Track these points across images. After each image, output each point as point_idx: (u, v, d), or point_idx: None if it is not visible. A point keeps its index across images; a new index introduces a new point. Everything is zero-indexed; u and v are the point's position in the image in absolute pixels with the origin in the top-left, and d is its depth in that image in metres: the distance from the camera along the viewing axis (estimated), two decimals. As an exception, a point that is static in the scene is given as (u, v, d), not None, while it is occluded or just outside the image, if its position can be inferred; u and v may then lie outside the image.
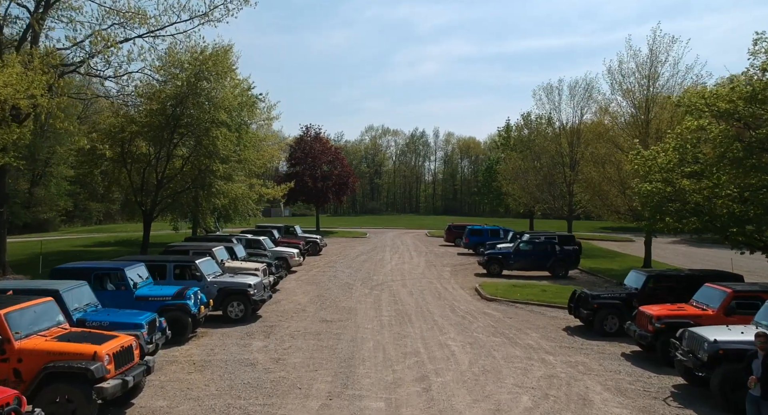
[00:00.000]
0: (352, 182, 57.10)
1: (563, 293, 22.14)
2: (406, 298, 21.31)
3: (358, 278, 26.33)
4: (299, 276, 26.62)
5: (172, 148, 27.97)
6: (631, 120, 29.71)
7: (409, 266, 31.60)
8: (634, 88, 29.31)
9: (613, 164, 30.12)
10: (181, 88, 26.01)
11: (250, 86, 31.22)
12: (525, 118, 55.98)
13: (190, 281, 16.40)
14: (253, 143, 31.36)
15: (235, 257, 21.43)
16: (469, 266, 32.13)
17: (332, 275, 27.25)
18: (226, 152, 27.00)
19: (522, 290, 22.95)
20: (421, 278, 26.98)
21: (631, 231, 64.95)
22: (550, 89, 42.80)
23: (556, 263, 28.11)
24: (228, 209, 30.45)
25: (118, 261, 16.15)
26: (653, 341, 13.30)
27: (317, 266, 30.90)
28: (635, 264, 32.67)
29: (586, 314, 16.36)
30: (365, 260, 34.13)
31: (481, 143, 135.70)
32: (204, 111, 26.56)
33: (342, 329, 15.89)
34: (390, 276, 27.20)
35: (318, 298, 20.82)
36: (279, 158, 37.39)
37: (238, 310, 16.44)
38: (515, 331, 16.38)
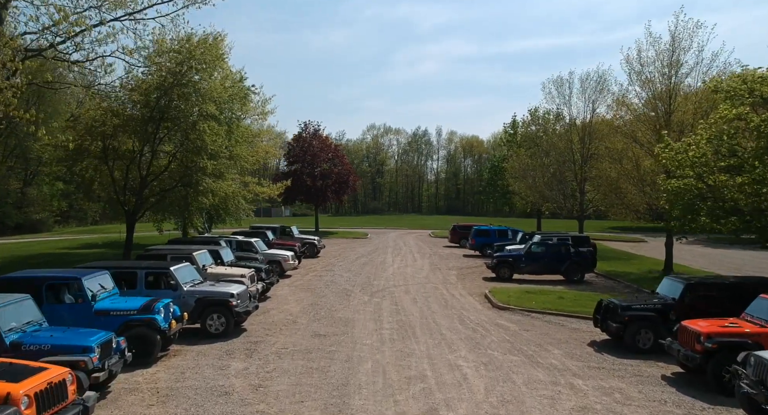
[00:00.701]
0: (353, 181, 55.09)
1: (583, 301, 20.12)
2: (409, 306, 19.28)
3: (357, 283, 24.30)
4: (293, 281, 24.60)
5: (158, 144, 25.96)
6: (651, 112, 27.62)
7: (412, 269, 29.57)
8: (655, 78, 27.24)
9: (631, 160, 28.05)
10: (165, 77, 24.00)
11: (242, 77, 29.20)
12: (532, 113, 54.03)
13: (165, 290, 14.39)
14: (245, 138, 29.32)
15: (221, 261, 19.42)
16: (477, 269, 30.09)
17: (329, 279, 25.23)
18: (215, 147, 24.97)
19: (537, 296, 20.90)
20: (425, 282, 24.95)
21: (642, 231, 62.87)
22: (561, 82, 40.83)
23: (571, 267, 26.05)
24: (219, 209, 28.42)
25: (79, 268, 14.16)
26: (702, 363, 11.25)
27: (314, 269, 28.88)
28: (654, 267, 30.62)
29: (615, 327, 14.31)
30: (365, 262, 32.11)
31: (484, 142, 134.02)
32: (191, 103, 24.54)
33: (336, 346, 13.86)
34: (392, 281, 25.18)
35: (312, 307, 18.80)
36: (274, 155, 35.39)
37: (219, 323, 14.43)
38: (535, 347, 14.34)
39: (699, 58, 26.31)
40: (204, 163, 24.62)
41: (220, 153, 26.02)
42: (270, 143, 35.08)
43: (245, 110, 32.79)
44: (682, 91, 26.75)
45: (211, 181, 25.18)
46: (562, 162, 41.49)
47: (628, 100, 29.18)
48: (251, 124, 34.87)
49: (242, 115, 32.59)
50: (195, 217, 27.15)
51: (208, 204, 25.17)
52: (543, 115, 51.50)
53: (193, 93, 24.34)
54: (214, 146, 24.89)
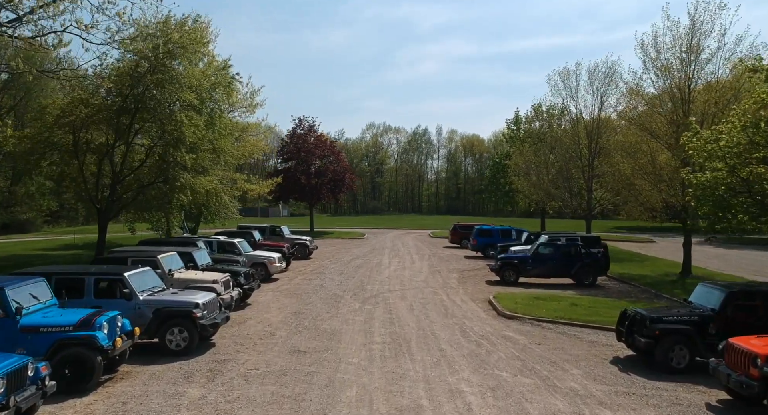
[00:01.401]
0: (349, 179, 52.98)
1: (599, 308, 18.03)
2: (404, 315, 17.19)
3: (348, 287, 22.21)
4: (279, 285, 22.51)
5: (133, 137, 23.90)
6: (668, 101, 25.53)
7: (409, 272, 27.47)
8: (673, 65, 25.12)
9: (646, 154, 25.94)
10: (139, 63, 21.94)
11: (226, 65, 27.10)
12: (536, 108, 51.96)
13: (117, 300, 12.29)
14: (230, 131, 27.22)
15: (195, 265, 17.32)
16: (479, 272, 28.00)
17: (319, 283, 23.13)
18: (194, 140, 22.89)
19: (547, 303, 18.79)
20: (423, 287, 22.86)
21: (649, 231, 60.74)
22: (567, 74, 38.70)
23: (582, 270, 23.97)
24: (200, 207, 26.32)
25: (11, 275, 12.06)
26: (761, 392, 9.16)
27: (303, 272, 26.78)
28: (670, 269, 28.52)
29: (644, 342, 12.20)
30: (360, 264, 30.01)
31: (485, 141, 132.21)
32: (168, 91, 22.47)
33: (317, 366, 11.77)
34: (387, 285, 23.09)
35: (295, 316, 16.69)
36: (263, 150, 33.27)
37: (180, 339, 12.33)
38: (549, 366, 12.25)
39: (721, 43, 24.26)
40: (182, 156, 22.54)
41: (200, 146, 23.94)
42: (259, 138, 33.02)
43: (232, 102, 30.83)
44: (703, 78, 24.65)
45: (190, 177, 23.05)
46: (568, 158, 39.41)
47: (642, 90, 27.07)
48: (238, 117, 32.87)
49: (228, 107, 30.62)
50: (173, 216, 25.04)
51: (186, 202, 23.01)
52: (547, 110, 49.53)
53: (170, 80, 22.22)
54: (193, 138, 22.80)
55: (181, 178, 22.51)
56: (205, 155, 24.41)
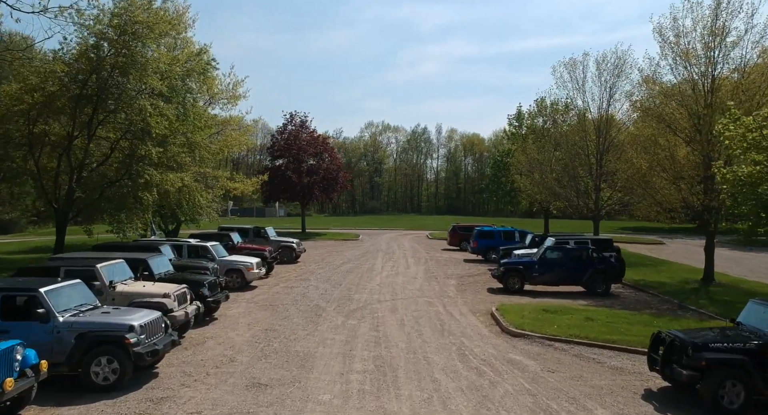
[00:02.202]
0: (343, 178, 50.48)
1: (618, 324, 15.62)
2: (394, 332, 14.77)
3: (333, 297, 19.77)
4: (255, 295, 20.07)
5: (95, 128, 21.48)
6: (689, 90, 23.12)
7: (403, 278, 25.04)
8: (694, 50, 22.70)
9: (664, 148, 23.52)
10: (98, 45, 19.55)
11: (201, 50, 24.66)
12: (539, 103, 49.65)
13: (31, 322, 9.88)
14: (205, 123, 24.77)
15: (150, 274, 14.88)
16: (480, 278, 25.58)
17: (301, 292, 20.70)
18: (162, 132, 20.47)
19: (558, 317, 16.36)
20: (417, 296, 20.42)
21: (655, 232, 58.30)
22: (574, 65, 36.19)
23: (595, 276, 21.54)
24: (173, 207, 23.89)
25: None
26: None
27: (287, 278, 24.35)
28: (689, 275, 26.10)
29: (686, 375, 9.79)
30: (350, 269, 27.57)
31: (486, 140, 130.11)
32: (133, 76, 20.06)
33: (277, 407, 9.35)
34: (377, 294, 20.66)
35: (265, 335, 14.27)
36: (246, 145, 30.81)
37: (109, 370, 9.91)
38: (568, 403, 9.84)
39: (749, 24, 21.86)
40: (147, 150, 20.11)
41: (172, 140, 21.52)
42: (242, 132, 30.56)
43: (212, 93, 28.44)
44: (729, 64, 22.25)
45: (157, 174, 20.59)
46: (574, 155, 36.97)
47: (658, 78, 24.64)
48: (221, 110, 30.46)
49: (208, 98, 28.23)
50: (137, 217, 22.58)
51: (152, 201, 20.56)
52: (551, 104, 47.21)
53: (133, 64, 19.80)
54: (161, 130, 20.38)
55: (146, 174, 20.04)
56: (175, 149, 21.97)
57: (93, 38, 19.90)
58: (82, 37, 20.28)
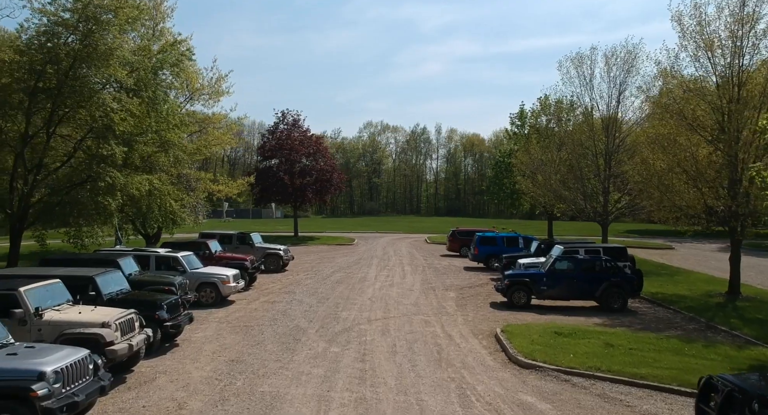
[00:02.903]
0: (337, 179, 48.26)
1: (645, 352, 13.44)
2: (383, 364, 12.58)
3: (317, 315, 17.58)
4: (230, 313, 17.86)
5: (55, 126, 19.30)
6: (713, 84, 20.97)
7: (398, 290, 22.86)
8: (719, 39, 20.54)
9: (684, 148, 21.35)
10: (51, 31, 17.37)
11: (176, 41, 22.48)
12: (543, 102, 47.47)
13: None
14: (181, 120, 22.57)
15: (98, 294, 12.66)
16: (481, 289, 23.43)
17: (282, 309, 18.50)
18: (125, 129, 18.28)
19: (573, 342, 14.19)
20: (413, 314, 18.23)
21: (663, 235, 56.02)
22: (581, 60, 34.01)
23: (610, 291, 19.35)
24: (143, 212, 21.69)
25: None
26: None
27: (269, 291, 22.16)
28: (710, 287, 23.87)
29: (752, 439, 7.61)
30: (340, 279, 25.39)
31: (486, 140, 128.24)
32: (95, 66, 17.87)
33: (221, 483, 7.17)
34: (367, 311, 18.47)
35: (229, 368, 12.07)
36: (229, 144, 28.60)
37: (5, 433, 7.72)
38: (599, 474, 7.65)
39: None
40: (110, 150, 17.92)
41: (142, 138, 19.34)
42: (225, 130, 28.36)
43: (193, 88, 26.30)
44: (760, 54, 20.07)
45: (121, 176, 18.37)
46: (580, 156, 34.80)
47: (678, 72, 22.45)
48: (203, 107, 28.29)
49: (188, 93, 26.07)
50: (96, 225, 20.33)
51: (114, 208, 18.34)
52: (555, 103, 44.97)
53: (95, 54, 17.61)
54: (124, 127, 18.18)
55: (108, 176, 17.82)
56: (144, 149, 19.79)
57: (47, 21, 17.71)
58: (39, 22, 18.12)
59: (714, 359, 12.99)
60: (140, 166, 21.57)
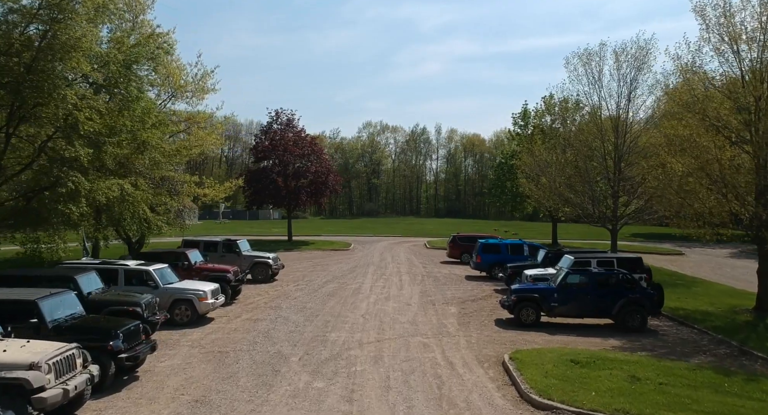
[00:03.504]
0: (333, 181, 46.35)
1: (679, 388, 11.60)
2: (374, 405, 10.74)
3: (303, 337, 15.73)
4: (205, 334, 16.00)
5: (15, 126, 17.45)
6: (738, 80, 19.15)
7: (394, 304, 21.02)
8: (746, 31, 18.73)
9: (707, 150, 19.51)
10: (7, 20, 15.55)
11: (153, 33, 20.63)
12: (547, 101, 45.66)
13: None
14: (160, 120, 20.71)
15: (41, 322, 10.81)
16: (485, 303, 21.60)
17: (264, 329, 16.65)
18: (94, 128, 16.44)
19: (593, 374, 12.34)
20: (409, 334, 16.38)
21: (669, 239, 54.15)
22: (589, 57, 32.18)
23: (627, 308, 17.51)
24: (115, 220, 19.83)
25: None
26: None
27: (254, 305, 20.30)
28: (734, 300, 22.06)
29: None
30: (333, 291, 23.54)
31: (486, 141, 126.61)
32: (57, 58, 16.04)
33: None
34: (359, 330, 16.62)
35: (191, 411, 10.22)
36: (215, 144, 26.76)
37: None
38: None
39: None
40: (73, 151, 16.07)
41: (107, 138, 17.49)
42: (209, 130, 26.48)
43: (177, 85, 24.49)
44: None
45: (86, 181, 16.50)
46: (588, 157, 33.00)
47: (699, 67, 20.61)
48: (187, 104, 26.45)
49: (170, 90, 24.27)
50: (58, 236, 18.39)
51: (77, 216, 16.48)
52: (559, 102, 43.15)
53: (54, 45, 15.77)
54: (91, 126, 16.34)
55: (70, 181, 15.95)
56: (113, 150, 17.92)
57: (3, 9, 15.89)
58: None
59: (761, 398, 11.15)
60: (114, 170, 19.70)
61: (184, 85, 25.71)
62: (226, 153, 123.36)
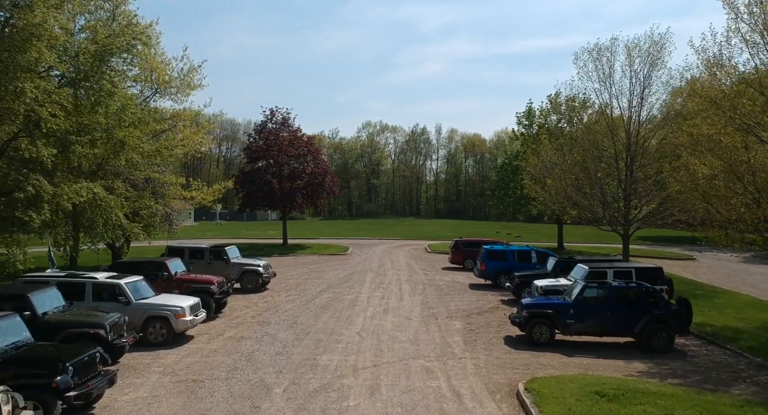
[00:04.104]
0: (330, 183, 44.56)
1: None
2: (367, 453, 9.00)
3: (291, 362, 13.98)
4: (180, 358, 14.25)
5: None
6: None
7: (394, 318, 19.28)
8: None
9: (737, 151, 17.78)
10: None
11: (130, 22, 18.85)
12: (553, 99, 43.92)
13: None
14: (138, 118, 18.94)
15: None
16: (492, 317, 19.88)
17: (248, 351, 14.89)
18: (60, 126, 14.72)
19: (625, 411, 10.61)
20: (411, 356, 14.64)
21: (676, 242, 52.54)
22: (600, 52, 30.39)
23: (652, 326, 15.77)
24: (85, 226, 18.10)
25: None
26: None
27: (240, 320, 18.55)
28: (763, 313, 20.26)
29: None
30: (327, 303, 21.79)
31: (487, 141, 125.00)
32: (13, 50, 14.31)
33: None
34: (354, 352, 14.88)
35: (147, 466, 8.50)
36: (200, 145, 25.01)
37: None
38: None
39: None
40: (34, 151, 14.33)
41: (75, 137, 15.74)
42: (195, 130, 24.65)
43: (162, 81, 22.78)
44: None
45: (49, 184, 14.76)
46: (597, 158, 31.24)
47: (726, 60, 18.84)
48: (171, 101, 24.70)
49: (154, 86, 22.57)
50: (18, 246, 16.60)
51: (38, 224, 14.75)
52: (566, 101, 41.45)
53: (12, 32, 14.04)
54: (56, 124, 14.61)
55: (30, 184, 14.21)
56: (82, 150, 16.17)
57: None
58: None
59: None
60: (89, 172, 17.97)
61: (169, 80, 23.93)
62: (223, 153, 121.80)
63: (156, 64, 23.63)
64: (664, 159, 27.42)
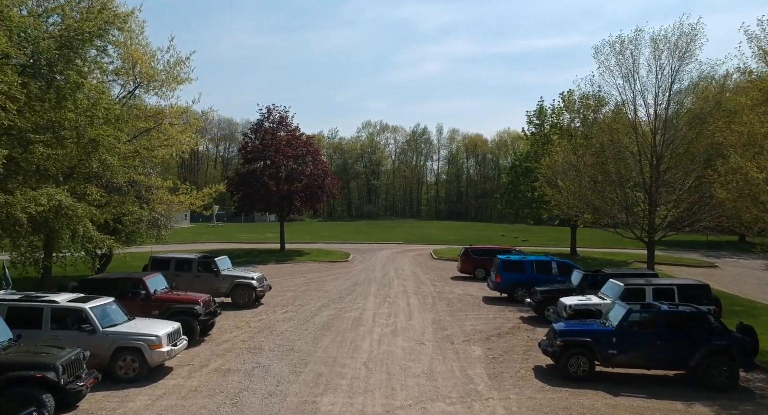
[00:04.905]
0: (330, 185, 42.18)
1: None
2: None
3: (286, 405, 11.59)
4: (152, 400, 11.83)
5: None
6: None
7: (404, 342, 16.91)
8: None
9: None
10: None
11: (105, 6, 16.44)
12: (566, 98, 41.62)
13: None
14: (115, 115, 16.56)
15: None
16: (514, 340, 17.51)
17: (233, 391, 12.50)
18: (12, 122, 12.38)
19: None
20: (428, 397, 12.26)
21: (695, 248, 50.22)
22: (623, 45, 28.02)
23: (711, 359, 13.41)
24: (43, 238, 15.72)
25: None
26: None
27: (228, 345, 16.17)
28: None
29: None
30: (328, 322, 19.42)
31: (488, 141, 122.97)
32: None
33: None
34: (361, 390, 12.51)
35: None
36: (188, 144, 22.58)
37: None
38: None
39: None
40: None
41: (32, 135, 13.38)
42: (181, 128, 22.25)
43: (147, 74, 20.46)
44: None
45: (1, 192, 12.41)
46: (620, 160, 28.92)
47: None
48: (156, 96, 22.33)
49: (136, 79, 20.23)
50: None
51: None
52: (579, 98, 39.11)
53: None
54: (5, 120, 12.24)
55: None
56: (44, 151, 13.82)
57: None
58: None
59: None
60: (54, 176, 15.60)
61: (153, 73, 21.58)
62: (221, 153, 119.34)
63: (138, 56, 21.30)
64: (695, 161, 25.14)
